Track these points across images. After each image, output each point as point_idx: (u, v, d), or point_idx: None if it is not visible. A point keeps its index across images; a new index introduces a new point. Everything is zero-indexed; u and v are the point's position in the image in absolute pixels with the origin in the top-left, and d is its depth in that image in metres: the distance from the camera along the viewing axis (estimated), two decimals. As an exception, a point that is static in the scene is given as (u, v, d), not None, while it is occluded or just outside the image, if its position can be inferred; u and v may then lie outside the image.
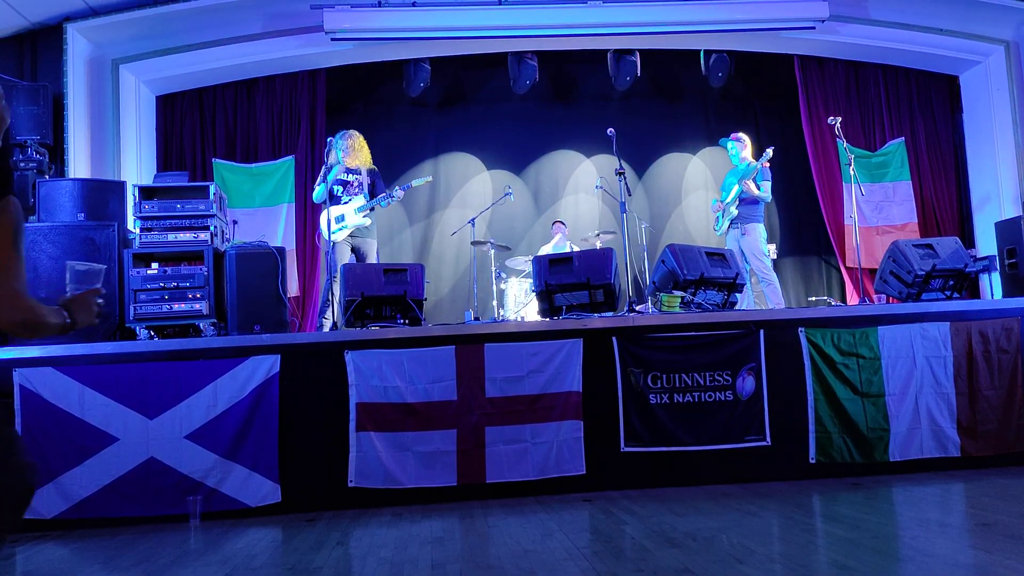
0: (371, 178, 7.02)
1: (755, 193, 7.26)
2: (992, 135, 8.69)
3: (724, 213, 7.51)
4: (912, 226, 9.06)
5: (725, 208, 7.49)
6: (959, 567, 3.02)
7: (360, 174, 6.99)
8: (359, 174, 6.98)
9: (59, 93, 7.16)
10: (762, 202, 7.38)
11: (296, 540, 4.01)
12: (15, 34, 7.37)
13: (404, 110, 9.52)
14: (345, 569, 3.46)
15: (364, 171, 7.02)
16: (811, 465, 4.92)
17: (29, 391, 4.57)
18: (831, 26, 8.26)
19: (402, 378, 4.75)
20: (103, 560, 3.84)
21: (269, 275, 5.19)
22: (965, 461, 4.98)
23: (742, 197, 7.33)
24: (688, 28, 8.26)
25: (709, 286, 5.48)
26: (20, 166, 6.74)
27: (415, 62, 8.67)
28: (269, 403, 4.66)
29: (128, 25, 7.51)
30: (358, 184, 6.93)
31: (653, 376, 4.91)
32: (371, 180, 7.01)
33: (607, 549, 3.55)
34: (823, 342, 4.99)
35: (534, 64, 8.80)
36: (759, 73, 9.65)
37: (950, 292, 5.56)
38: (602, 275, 5.30)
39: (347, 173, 6.97)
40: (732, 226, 7.41)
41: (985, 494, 4.33)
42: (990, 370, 5.07)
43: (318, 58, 8.47)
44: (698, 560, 3.23)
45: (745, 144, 7.63)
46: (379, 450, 4.68)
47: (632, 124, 9.39)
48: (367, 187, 6.95)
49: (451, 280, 9.52)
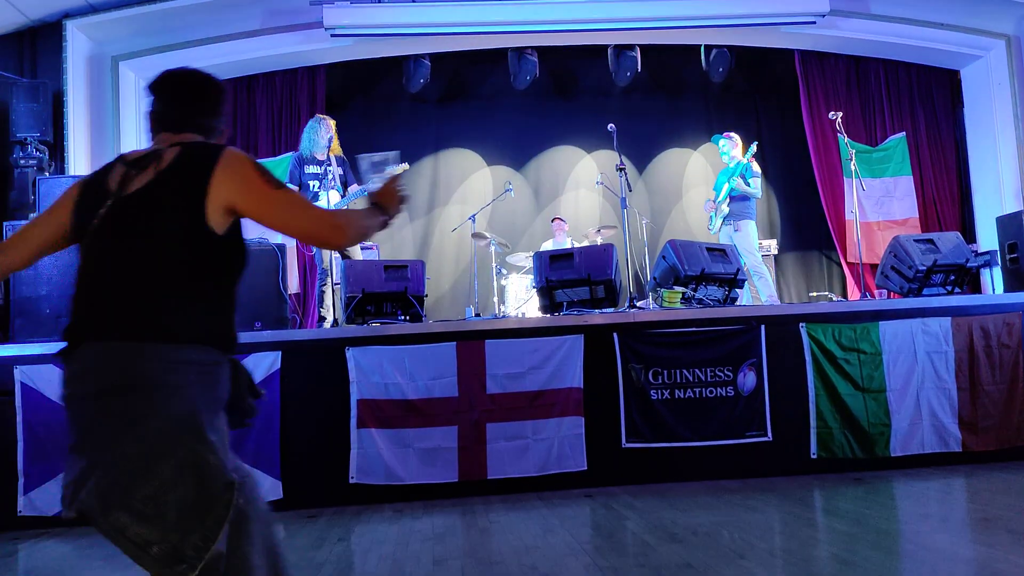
0: (342, 167, 6.61)
1: (745, 190, 7.32)
2: (993, 130, 8.67)
3: (717, 212, 7.58)
4: (913, 221, 9.04)
5: (717, 207, 7.56)
6: (960, 562, 3.02)
7: (332, 164, 6.51)
8: (331, 164, 6.51)
9: (59, 90, 7.15)
10: (752, 198, 7.44)
11: (298, 537, 4.02)
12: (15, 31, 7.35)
13: (404, 106, 9.50)
14: (347, 565, 3.46)
15: (335, 160, 6.56)
16: (812, 460, 4.93)
17: (30, 388, 4.57)
18: (832, 21, 8.24)
19: (403, 375, 4.75)
20: (105, 556, 3.84)
21: (270, 272, 5.18)
22: (966, 456, 4.98)
23: (733, 195, 7.38)
24: (688, 23, 8.24)
25: (710, 282, 5.48)
26: (20, 163, 6.73)
27: (415, 58, 8.66)
28: (270, 400, 4.65)
29: (128, 22, 7.49)
30: (332, 176, 6.49)
31: (654, 372, 4.90)
32: (342, 170, 6.60)
33: (608, 545, 3.55)
34: (824, 337, 4.99)
35: (534, 59, 8.79)
36: (760, 68, 9.64)
37: (951, 287, 5.56)
38: (603, 271, 5.30)
39: (318, 165, 6.48)
40: (725, 223, 7.50)
41: (986, 489, 4.34)
42: (991, 365, 5.07)
43: (318, 54, 8.45)
44: (699, 555, 3.23)
45: (736, 143, 7.65)
46: (380, 446, 4.68)
47: (633, 120, 9.36)
48: (338, 178, 6.53)
49: (452, 276, 9.52)
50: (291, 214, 1.80)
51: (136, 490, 1.58)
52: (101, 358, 1.66)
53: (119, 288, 1.72)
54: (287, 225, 1.82)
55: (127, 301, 1.70)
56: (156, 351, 1.66)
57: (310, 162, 6.51)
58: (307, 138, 6.55)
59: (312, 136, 6.52)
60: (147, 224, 1.73)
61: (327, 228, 1.82)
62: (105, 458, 1.61)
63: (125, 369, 1.64)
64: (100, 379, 1.65)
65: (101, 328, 1.69)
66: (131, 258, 1.73)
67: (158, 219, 1.73)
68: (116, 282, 1.72)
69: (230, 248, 1.81)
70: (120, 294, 1.71)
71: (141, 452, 1.60)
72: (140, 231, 1.73)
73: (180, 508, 1.59)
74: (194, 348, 1.71)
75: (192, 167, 1.76)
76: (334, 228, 1.82)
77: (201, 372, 1.71)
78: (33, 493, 4.50)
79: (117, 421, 1.62)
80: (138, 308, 1.69)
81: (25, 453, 4.52)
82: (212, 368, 1.75)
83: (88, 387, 1.66)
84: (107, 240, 1.77)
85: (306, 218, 1.82)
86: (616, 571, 3.09)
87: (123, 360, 1.65)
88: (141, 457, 1.60)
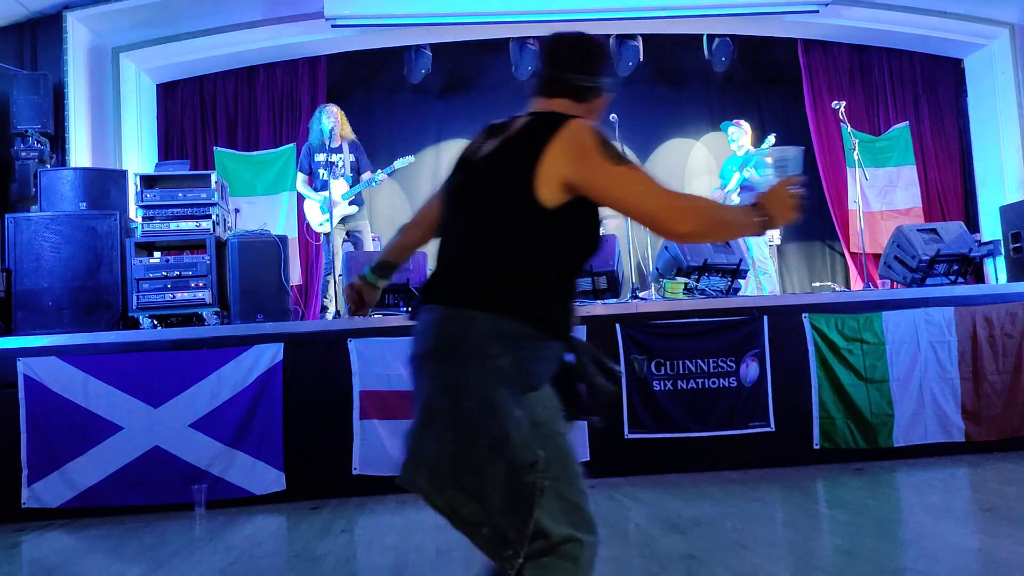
0: (354, 154, 6.73)
1: (758, 181, 7.27)
2: (997, 119, 8.63)
3: (726, 201, 7.51)
4: (916, 211, 9.01)
5: (727, 196, 7.49)
6: (963, 551, 3.02)
7: (343, 152, 6.67)
8: (341, 152, 6.66)
9: (59, 82, 7.12)
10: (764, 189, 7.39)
11: (301, 528, 4.03)
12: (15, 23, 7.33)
13: (405, 97, 9.46)
14: (350, 556, 3.47)
15: (347, 146, 6.71)
16: (815, 451, 4.92)
17: (33, 381, 4.57)
18: (835, 9, 8.18)
19: (406, 366, 4.74)
20: (109, 549, 3.85)
21: (272, 263, 5.18)
22: (969, 446, 4.98)
23: (743, 185, 7.33)
24: (691, 12, 8.20)
25: (712, 272, 5.47)
26: (21, 155, 6.71)
27: (416, 48, 8.62)
28: (273, 391, 4.66)
29: (128, 13, 7.46)
30: (343, 164, 6.63)
31: (656, 363, 4.90)
32: (355, 156, 6.72)
33: (611, 535, 3.55)
34: (827, 328, 4.98)
35: (536, 50, 8.74)
36: (762, 57, 9.58)
37: (954, 277, 5.54)
38: (605, 262, 5.29)
39: (330, 153, 6.64)
40: None
41: (989, 479, 4.33)
42: (994, 355, 5.05)
43: (318, 45, 8.42)
44: (702, 546, 3.24)
45: (746, 131, 7.60)
46: (383, 438, 4.69)
47: (635, 110, 9.30)
48: (350, 166, 6.64)
49: (454, 267, 9.50)
50: (630, 191, 1.62)
51: (462, 464, 1.56)
52: (431, 322, 1.69)
53: (454, 255, 1.74)
54: (626, 204, 1.64)
55: (459, 268, 1.71)
56: (480, 319, 1.63)
57: (318, 151, 6.69)
58: (312, 128, 6.77)
59: (316, 126, 6.72)
60: (482, 192, 1.71)
61: (668, 211, 1.62)
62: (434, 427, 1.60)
63: (449, 334, 1.65)
64: (427, 342, 1.69)
65: (438, 293, 1.72)
66: (466, 226, 1.72)
67: (491, 188, 1.70)
68: (453, 249, 1.75)
69: (565, 225, 1.67)
70: (454, 261, 1.73)
71: (459, 422, 1.58)
72: (476, 199, 1.72)
73: (496, 488, 1.54)
74: (517, 322, 1.64)
75: (531, 137, 1.68)
76: (677, 211, 1.62)
77: (519, 347, 1.64)
78: (37, 485, 4.51)
79: (439, 386, 1.64)
80: (467, 276, 1.68)
81: (28, 445, 4.53)
82: (533, 345, 1.67)
83: (419, 349, 1.71)
84: (453, 207, 1.79)
85: (646, 197, 1.62)
86: (619, 561, 3.10)
87: (448, 325, 1.66)
88: (461, 428, 1.57)
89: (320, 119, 6.68)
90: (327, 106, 6.83)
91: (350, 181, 6.64)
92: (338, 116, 6.72)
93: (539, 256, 1.67)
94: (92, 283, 5.00)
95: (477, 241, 1.69)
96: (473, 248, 1.70)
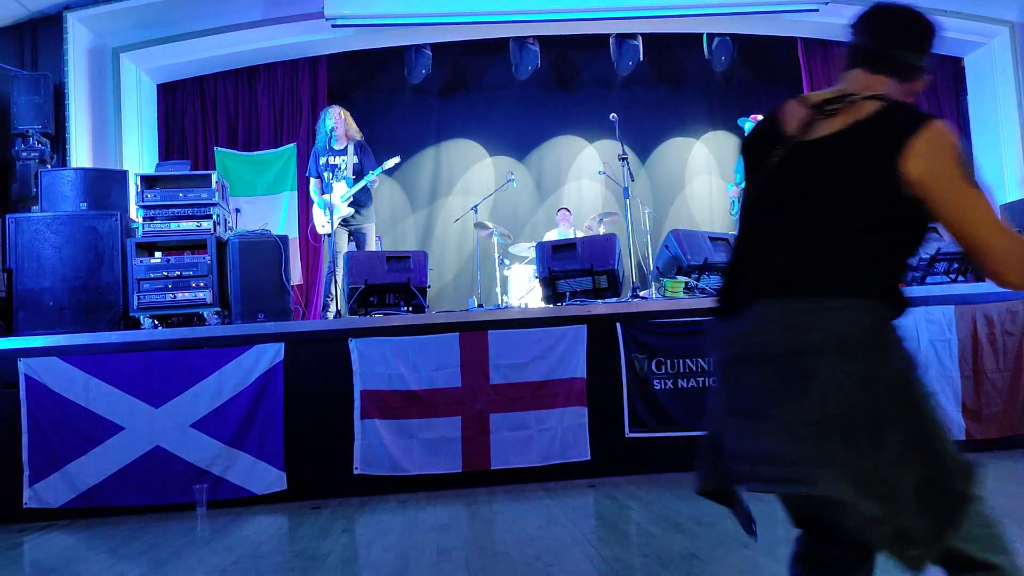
0: (359, 155, 6.72)
1: None
2: (997, 117, 8.64)
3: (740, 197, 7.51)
4: (916, 210, 9.02)
5: (741, 192, 7.49)
6: (964, 550, 3.02)
7: (346, 154, 6.68)
8: (345, 154, 6.68)
9: (60, 82, 7.13)
10: None
11: (302, 527, 4.03)
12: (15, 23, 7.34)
13: (405, 97, 9.47)
14: (351, 555, 3.47)
15: (351, 148, 6.71)
16: (816, 449, 4.91)
17: (34, 381, 4.58)
18: (835, 8, 8.17)
19: (406, 365, 4.75)
20: (110, 548, 3.86)
21: (272, 263, 5.18)
22: (970, 444, 4.97)
23: None
24: (691, 11, 8.20)
25: (713, 271, 5.47)
26: (22, 156, 6.72)
27: (416, 48, 8.63)
28: (274, 391, 4.67)
29: (128, 13, 7.47)
30: (345, 166, 6.65)
31: (657, 362, 4.90)
32: (359, 158, 6.71)
33: (612, 535, 3.56)
34: (827, 326, 4.97)
35: (536, 49, 8.75)
36: (762, 57, 9.59)
37: (955, 275, 5.54)
38: (605, 261, 5.29)
39: (333, 155, 6.68)
40: None
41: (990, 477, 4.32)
42: (995, 353, 5.06)
43: (319, 45, 8.43)
44: (703, 545, 3.24)
45: None
46: (384, 437, 4.69)
47: (635, 109, 9.33)
48: (353, 168, 6.64)
49: (454, 267, 9.51)
50: (975, 219, 1.53)
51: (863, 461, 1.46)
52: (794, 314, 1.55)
53: (802, 240, 1.59)
54: (962, 228, 1.54)
55: (817, 253, 1.57)
56: (862, 307, 1.53)
57: (323, 153, 6.76)
58: (318, 131, 6.85)
59: (320, 129, 6.80)
60: (839, 175, 1.59)
61: (1007, 254, 1.51)
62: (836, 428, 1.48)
63: (844, 326, 1.51)
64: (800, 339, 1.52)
65: (782, 284, 1.58)
66: (819, 209, 1.59)
67: (853, 172, 1.58)
68: (798, 233, 1.60)
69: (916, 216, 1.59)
70: (805, 246, 1.59)
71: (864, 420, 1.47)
72: (830, 181, 1.60)
73: (908, 489, 1.47)
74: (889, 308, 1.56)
75: (891, 127, 1.58)
76: (1015, 258, 1.51)
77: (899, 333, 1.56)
78: (38, 485, 4.51)
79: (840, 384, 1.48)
80: (830, 261, 1.56)
81: (29, 446, 4.53)
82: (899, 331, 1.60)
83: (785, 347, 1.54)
84: (784, 187, 1.65)
85: (991, 231, 1.53)
86: (620, 561, 3.10)
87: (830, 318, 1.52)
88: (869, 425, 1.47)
89: (323, 121, 6.75)
90: (331, 108, 6.87)
91: (350, 183, 6.65)
92: (342, 117, 6.76)
93: (893, 242, 1.60)
94: (93, 283, 5.00)
95: (836, 224, 1.58)
96: (830, 231, 1.58)
